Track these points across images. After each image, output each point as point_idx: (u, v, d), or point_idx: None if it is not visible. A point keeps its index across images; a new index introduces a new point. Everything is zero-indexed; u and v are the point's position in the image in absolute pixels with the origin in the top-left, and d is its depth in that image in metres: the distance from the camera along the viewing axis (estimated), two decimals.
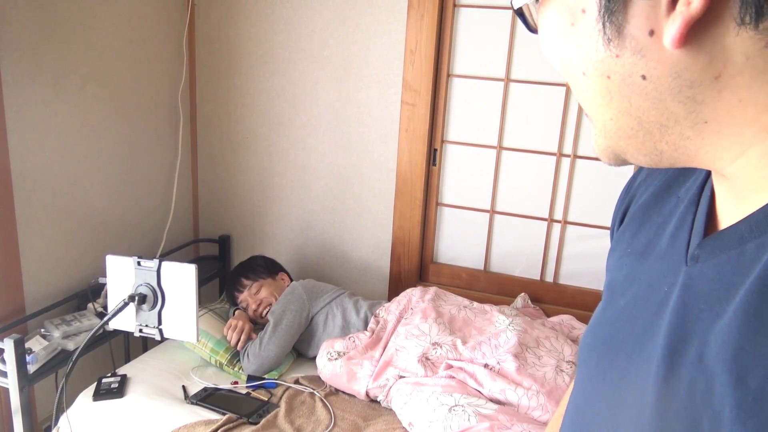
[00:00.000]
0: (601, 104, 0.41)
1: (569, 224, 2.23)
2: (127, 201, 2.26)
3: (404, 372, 1.82)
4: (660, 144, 0.40)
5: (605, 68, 0.39)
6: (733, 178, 0.40)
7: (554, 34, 0.41)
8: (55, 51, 1.87)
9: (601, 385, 0.50)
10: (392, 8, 2.19)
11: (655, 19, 0.35)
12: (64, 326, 1.86)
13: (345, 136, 2.36)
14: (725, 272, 0.39)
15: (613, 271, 0.55)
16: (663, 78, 0.37)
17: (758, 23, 0.33)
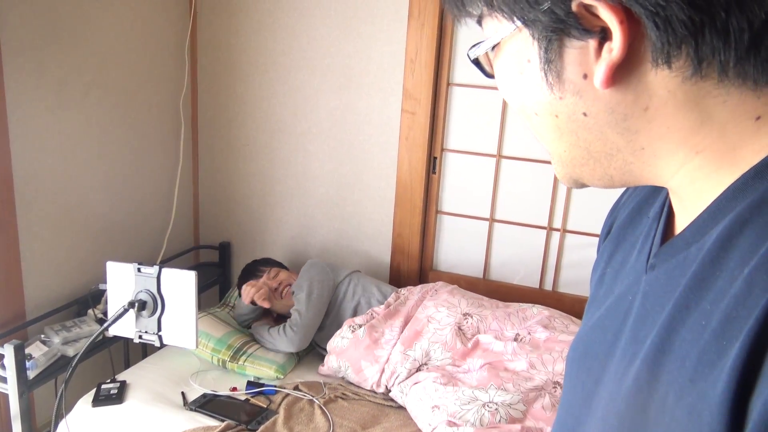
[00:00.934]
0: (554, 139, 0.46)
1: (568, 233, 2.24)
2: (128, 207, 2.27)
3: (436, 345, 1.90)
4: (609, 170, 0.45)
5: (552, 109, 0.44)
6: (676, 191, 0.45)
7: (508, 81, 0.46)
8: (58, 58, 1.89)
9: (580, 394, 0.54)
10: (393, 17, 2.20)
11: (586, 65, 0.40)
12: (64, 332, 1.86)
13: (345, 144, 2.38)
14: (674, 275, 0.44)
15: (594, 289, 0.59)
16: (601, 114, 0.42)
17: (670, 65, 0.38)
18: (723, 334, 0.37)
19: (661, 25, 0.37)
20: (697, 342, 0.38)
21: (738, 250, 0.38)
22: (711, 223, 0.41)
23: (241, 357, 2.01)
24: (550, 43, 0.41)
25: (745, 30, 0.36)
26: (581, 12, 0.38)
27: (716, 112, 0.39)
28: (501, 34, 0.44)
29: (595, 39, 0.39)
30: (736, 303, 0.37)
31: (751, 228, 0.38)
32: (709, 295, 0.39)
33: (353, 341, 1.97)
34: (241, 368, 2.00)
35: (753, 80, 0.38)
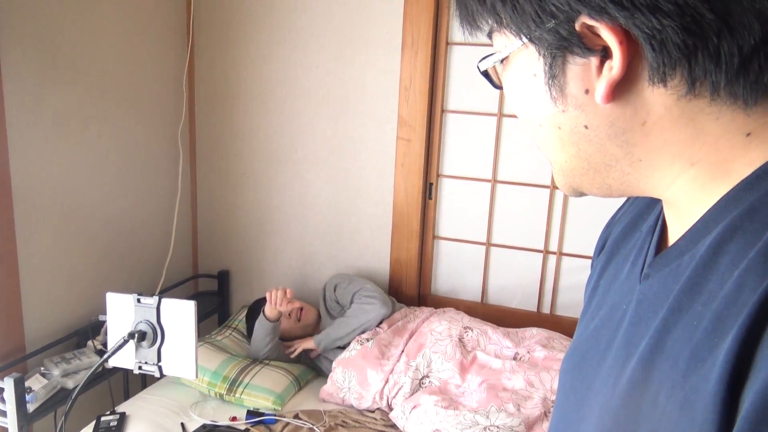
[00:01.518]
0: (556, 150, 0.49)
1: (564, 256, 2.26)
2: (128, 237, 2.28)
3: (437, 355, 1.95)
4: (607, 179, 0.48)
5: (556, 121, 0.46)
6: (671, 202, 0.47)
7: (515, 93, 0.49)
8: (58, 92, 1.92)
9: (573, 402, 0.55)
10: (387, 46, 2.25)
11: (588, 81, 0.43)
12: (64, 364, 1.86)
13: (342, 171, 2.40)
14: (667, 282, 0.46)
15: (587, 301, 0.61)
16: (601, 127, 0.45)
17: (666, 84, 0.41)
18: (714, 332, 0.38)
19: (657, 48, 0.39)
20: (690, 341, 0.40)
21: (728, 255, 0.40)
22: (704, 232, 0.44)
23: (237, 388, 2.00)
24: (554, 59, 0.44)
25: (735, 54, 0.38)
26: (584, 32, 0.41)
27: (709, 127, 0.42)
28: (509, 49, 0.46)
29: (597, 57, 0.42)
30: (727, 303, 0.38)
31: (741, 234, 0.40)
32: (701, 298, 0.41)
33: (361, 351, 2.03)
34: (238, 401, 1.99)
35: (743, 100, 0.40)
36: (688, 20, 0.38)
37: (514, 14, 0.43)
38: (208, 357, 2.08)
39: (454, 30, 2.22)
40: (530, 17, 0.43)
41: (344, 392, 2.00)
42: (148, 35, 2.26)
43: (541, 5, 0.42)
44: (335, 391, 2.02)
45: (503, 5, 0.44)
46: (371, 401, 1.96)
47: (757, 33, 0.38)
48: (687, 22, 0.38)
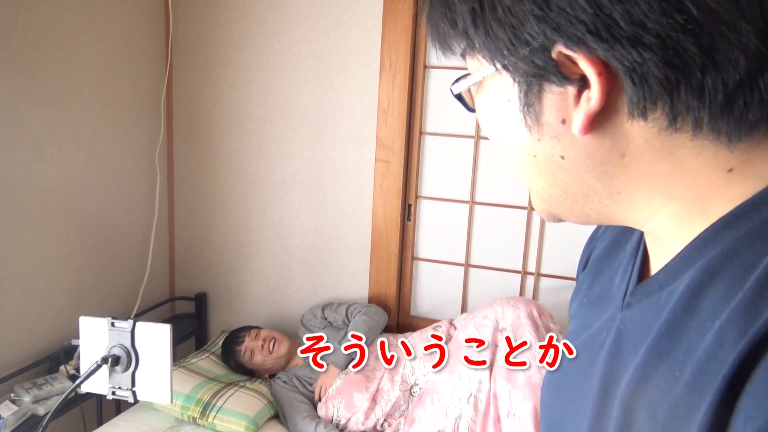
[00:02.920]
0: (532, 176, 0.47)
1: (542, 276, 2.27)
2: (103, 260, 2.25)
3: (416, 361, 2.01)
4: (585, 209, 0.46)
5: (530, 149, 0.45)
6: (652, 234, 0.47)
7: (488, 118, 0.47)
8: (33, 113, 1.90)
9: (553, 419, 0.55)
10: (365, 70, 2.27)
11: (565, 110, 0.41)
12: (35, 390, 1.82)
13: (321, 193, 2.40)
14: (647, 317, 0.45)
15: (573, 320, 0.61)
16: (578, 158, 0.43)
17: (646, 117, 0.39)
18: (695, 388, 0.37)
19: (637, 81, 0.37)
20: (670, 393, 0.39)
21: (710, 300, 0.39)
22: (682, 269, 0.42)
23: (210, 413, 1.97)
24: (530, 86, 0.41)
25: (719, 90, 0.37)
26: (561, 60, 0.39)
27: (690, 162, 0.40)
28: (482, 73, 0.44)
29: (575, 86, 0.40)
30: (708, 357, 0.37)
31: (721, 279, 0.39)
32: (681, 345, 0.40)
33: (345, 380, 2.05)
34: (211, 425, 1.96)
35: (727, 136, 0.38)
36: (670, 54, 0.36)
37: (487, 40, 0.41)
38: (182, 380, 2.05)
39: (432, 53, 2.25)
40: (504, 44, 0.41)
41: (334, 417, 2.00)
42: (126, 57, 2.26)
43: (515, 33, 0.40)
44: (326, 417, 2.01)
45: (476, 30, 0.42)
46: (357, 424, 1.95)
47: (743, 68, 0.36)
48: (670, 55, 0.36)
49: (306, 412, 1.99)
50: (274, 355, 2.19)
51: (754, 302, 0.36)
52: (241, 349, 2.21)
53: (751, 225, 0.39)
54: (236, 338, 2.25)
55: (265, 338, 2.22)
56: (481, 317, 1.98)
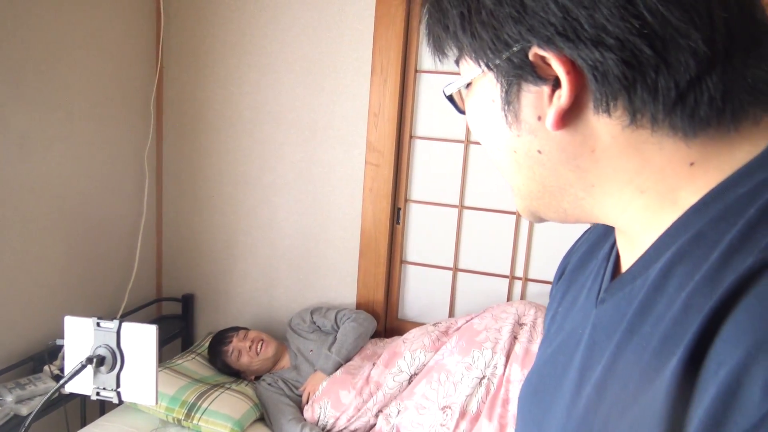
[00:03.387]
0: (512, 172, 0.51)
1: (530, 281, 2.28)
2: (90, 260, 2.24)
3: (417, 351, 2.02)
4: (563, 203, 0.50)
5: (511, 145, 0.49)
6: (624, 229, 0.49)
7: (476, 118, 0.51)
8: (22, 111, 1.89)
9: (530, 426, 0.56)
10: (356, 73, 2.27)
11: (541, 108, 0.45)
12: (18, 390, 1.80)
13: (310, 196, 2.40)
14: (620, 306, 0.48)
15: (547, 329, 0.63)
16: (553, 152, 0.47)
17: (610, 113, 0.43)
18: (662, 353, 0.40)
19: (599, 78, 0.42)
20: (639, 362, 0.42)
21: (677, 278, 0.42)
22: (655, 257, 0.45)
23: (195, 414, 1.95)
24: (510, 86, 0.46)
25: (672, 89, 0.41)
26: (537, 62, 0.43)
27: (655, 157, 0.44)
28: (470, 75, 0.49)
29: (549, 86, 0.44)
30: (674, 324, 0.40)
31: (689, 258, 0.42)
32: (650, 320, 0.43)
33: (331, 381, 2.05)
34: (196, 427, 1.94)
35: (682, 132, 0.42)
36: (628, 54, 0.40)
37: (474, 41, 0.46)
38: (167, 382, 2.04)
39: (423, 58, 2.26)
40: (487, 45, 0.45)
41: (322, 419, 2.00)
42: (116, 56, 2.25)
43: (497, 34, 0.44)
44: (311, 419, 2.01)
45: (463, 32, 0.47)
46: (347, 420, 1.96)
47: (693, 70, 0.40)
48: (627, 56, 0.40)
49: (291, 415, 1.99)
50: (261, 357, 2.19)
51: (718, 272, 0.39)
52: (229, 349, 2.20)
53: (716, 210, 0.42)
54: (224, 338, 2.25)
55: (253, 339, 2.21)
56: (500, 311, 2.04)
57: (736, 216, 0.40)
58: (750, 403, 0.33)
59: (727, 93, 0.41)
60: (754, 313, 0.35)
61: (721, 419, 0.34)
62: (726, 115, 0.41)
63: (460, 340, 2.00)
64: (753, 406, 0.33)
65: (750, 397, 0.33)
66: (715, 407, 0.35)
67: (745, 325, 0.35)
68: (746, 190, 0.41)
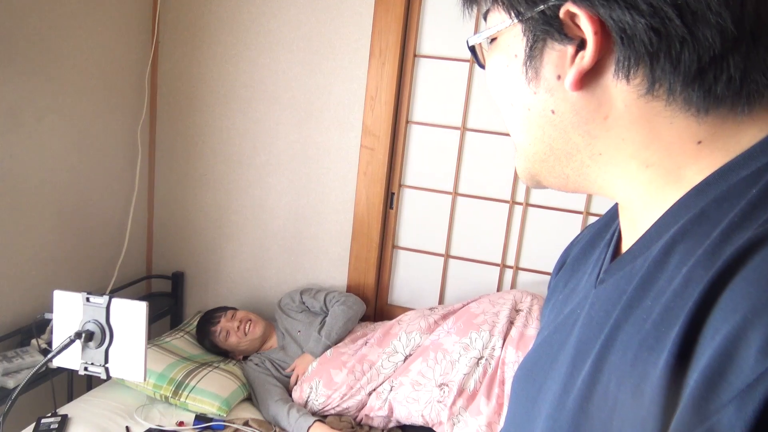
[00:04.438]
0: (522, 131, 0.51)
1: (521, 270, 2.29)
2: (80, 235, 2.22)
3: (413, 333, 2.05)
4: (566, 169, 0.50)
5: (526, 102, 0.49)
6: (626, 206, 0.50)
7: (495, 72, 0.51)
8: (12, 82, 1.86)
9: (524, 404, 0.57)
10: (354, 55, 2.25)
11: (562, 67, 0.46)
12: (5, 363, 1.79)
13: (304, 177, 2.39)
14: (620, 284, 0.48)
15: (546, 317, 0.63)
16: (566, 114, 0.47)
17: (629, 80, 0.43)
18: (662, 323, 0.41)
19: (626, 41, 0.42)
20: (638, 333, 0.42)
21: (678, 254, 0.43)
22: (657, 236, 0.46)
23: (183, 392, 1.95)
24: (536, 41, 0.46)
25: (694, 62, 0.41)
26: (566, 20, 0.44)
27: (664, 132, 0.44)
28: (498, 27, 0.49)
29: (573, 46, 0.44)
30: (675, 296, 0.41)
31: (690, 236, 0.43)
32: (651, 294, 0.43)
33: (321, 361, 2.07)
34: (183, 404, 1.95)
35: (696, 108, 0.43)
36: (657, 22, 0.41)
37: None
38: (155, 359, 2.04)
39: (423, 42, 2.24)
40: None
41: (311, 399, 2.00)
42: (111, 29, 2.22)
43: None
44: (299, 399, 2.02)
45: None
46: (340, 398, 1.97)
47: (717, 47, 0.40)
48: (656, 23, 0.41)
49: (278, 396, 1.99)
50: (249, 337, 2.19)
51: (719, 247, 0.40)
52: (217, 329, 2.20)
53: (719, 191, 0.43)
54: (212, 318, 2.24)
55: (241, 319, 2.21)
56: (498, 297, 2.08)
57: (739, 197, 0.41)
58: (745, 365, 0.33)
59: (746, 75, 0.41)
60: (751, 281, 0.36)
61: (716, 380, 0.35)
62: (741, 96, 0.42)
63: (457, 321, 2.02)
64: (748, 367, 0.33)
65: (745, 359, 0.34)
66: (711, 369, 0.35)
67: (743, 293, 0.36)
68: (749, 172, 0.42)
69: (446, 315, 2.11)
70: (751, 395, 0.33)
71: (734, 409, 0.33)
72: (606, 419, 0.44)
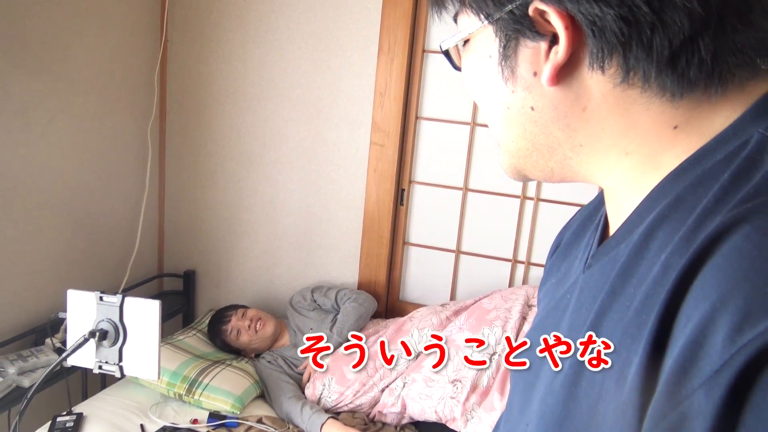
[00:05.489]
0: (503, 129, 0.51)
1: (533, 265, 2.28)
2: (91, 234, 2.23)
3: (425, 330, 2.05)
4: (550, 162, 0.51)
5: (505, 101, 0.49)
6: (610, 192, 0.51)
7: (472, 73, 0.52)
8: (24, 83, 1.87)
9: (522, 389, 0.58)
10: (363, 52, 2.25)
11: (537, 64, 0.46)
12: (20, 362, 1.81)
13: (314, 174, 2.39)
14: (605, 270, 0.49)
15: (541, 302, 0.65)
16: (546, 109, 0.48)
17: (604, 70, 0.44)
18: (642, 310, 0.42)
19: (597, 34, 0.42)
20: (622, 320, 0.43)
21: (657, 241, 0.44)
22: (638, 222, 0.46)
23: (196, 390, 1.96)
24: (509, 41, 0.47)
25: (665, 47, 0.42)
26: (536, 17, 0.44)
27: (641, 119, 0.45)
28: (469, 30, 0.49)
29: (546, 42, 0.45)
30: (654, 283, 0.41)
31: (668, 222, 0.43)
32: (632, 281, 0.44)
33: (333, 358, 2.07)
34: (197, 402, 1.96)
35: (671, 92, 0.43)
36: (625, 11, 0.41)
37: None
38: (169, 357, 2.05)
39: (431, 37, 2.23)
40: None
41: (324, 395, 2.00)
42: (120, 28, 2.22)
43: None
44: (312, 396, 2.02)
45: None
46: (353, 395, 1.97)
47: (687, 30, 0.41)
48: (624, 12, 0.41)
49: (291, 393, 2.00)
50: (260, 335, 2.19)
51: (693, 233, 0.41)
52: (228, 328, 2.20)
53: (694, 175, 0.43)
54: (222, 318, 2.25)
55: (252, 318, 2.21)
56: (510, 292, 2.08)
57: (712, 181, 0.42)
58: (713, 351, 0.35)
59: (717, 56, 0.42)
60: (720, 269, 0.37)
61: (687, 367, 0.36)
62: (714, 78, 0.43)
63: (469, 317, 2.02)
64: (716, 354, 0.35)
65: (713, 345, 0.35)
66: (683, 356, 0.36)
67: (712, 282, 0.37)
68: (722, 156, 0.43)
69: (458, 311, 2.11)
70: (718, 380, 0.34)
71: (703, 394, 0.35)
72: (592, 404, 0.45)
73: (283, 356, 2.17)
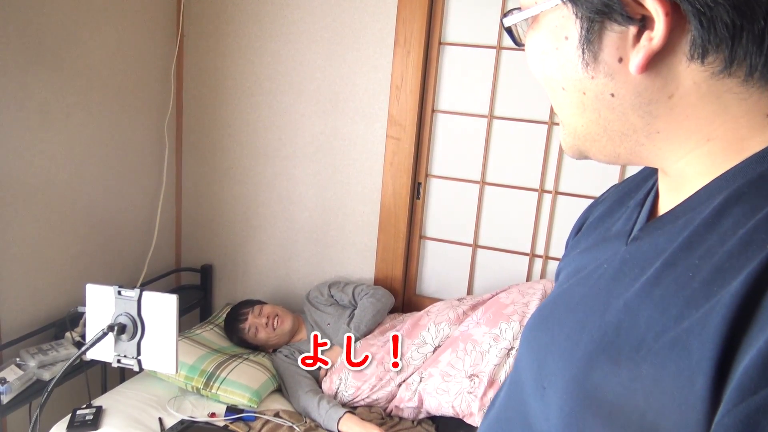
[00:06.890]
0: (575, 114, 0.49)
1: (551, 259, 2.25)
2: (110, 229, 2.25)
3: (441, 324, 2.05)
4: (618, 148, 0.49)
5: (582, 86, 0.46)
6: (673, 174, 0.48)
7: (539, 54, 0.48)
8: (42, 78, 1.88)
9: (536, 351, 0.56)
10: (379, 45, 2.23)
11: (623, 49, 0.43)
12: (41, 355, 1.83)
13: (330, 169, 2.38)
14: (659, 243, 0.47)
15: (562, 271, 0.63)
16: (627, 96, 0.45)
17: (704, 60, 0.42)
18: (713, 282, 0.40)
19: (705, 24, 0.40)
20: (683, 289, 0.42)
21: (732, 218, 0.42)
22: (705, 199, 0.45)
23: (214, 384, 1.97)
24: (592, 24, 0.43)
25: None
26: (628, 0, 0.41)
27: (733, 106, 0.43)
28: (541, 7, 0.46)
29: (635, 26, 0.42)
30: (729, 257, 0.40)
31: (746, 200, 0.42)
32: (697, 252, 0.43)
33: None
34: (214, 396, 1.96)
35: None
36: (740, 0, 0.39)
37: None
38: (186, 351, 2.06)
39: (448, 30, 2.21)
40: None
41: (340, 390, 2.00)
42: (136, 24, 2.23)
43: None
44: (329, 391, 2.02)
45: None
46: (369, 390, 1.97)
47: None
48: (739, 1, 0.39)
49: (308, 387, 2.00)
50: (278, 332, 2.19)
51: None
52: (245, 326, 2.20)
53: None
54: (239, 315, 2.24)
55: (269, 315, 2.21)
56: (527, 287, 2.06)
57: None
58: None
59: None
60: None
61: None
62: None
63: (486, 312, 2.01)
64: None
65: None
66: None
67: None
68: None
69: (475, 305, 2.09)
70: None
71: None
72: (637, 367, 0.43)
73: (301, 350, 2.17)
